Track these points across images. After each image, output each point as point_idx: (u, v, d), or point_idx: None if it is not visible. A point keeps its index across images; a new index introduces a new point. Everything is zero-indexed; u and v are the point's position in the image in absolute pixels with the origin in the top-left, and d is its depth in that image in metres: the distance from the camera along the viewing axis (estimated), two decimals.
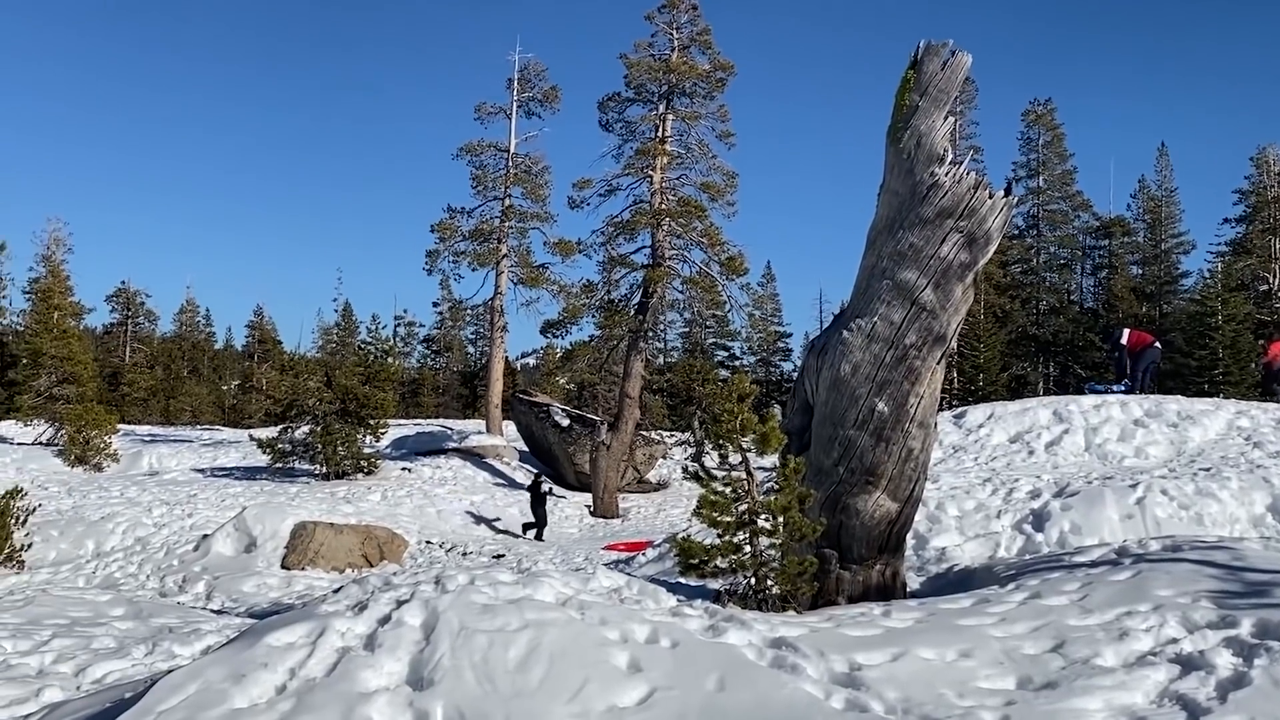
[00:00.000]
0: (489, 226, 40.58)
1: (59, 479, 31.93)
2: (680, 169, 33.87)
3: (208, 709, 6.16)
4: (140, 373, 65.58)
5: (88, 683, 11.51)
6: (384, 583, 8.14)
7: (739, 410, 9.48)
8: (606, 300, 33.74)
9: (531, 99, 41.99)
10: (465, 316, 53.89)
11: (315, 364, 37.71)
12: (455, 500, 28.79)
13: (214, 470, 33.52)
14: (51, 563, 21.43)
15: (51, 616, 15.57)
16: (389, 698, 6.21)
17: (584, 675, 6.40)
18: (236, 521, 22.31)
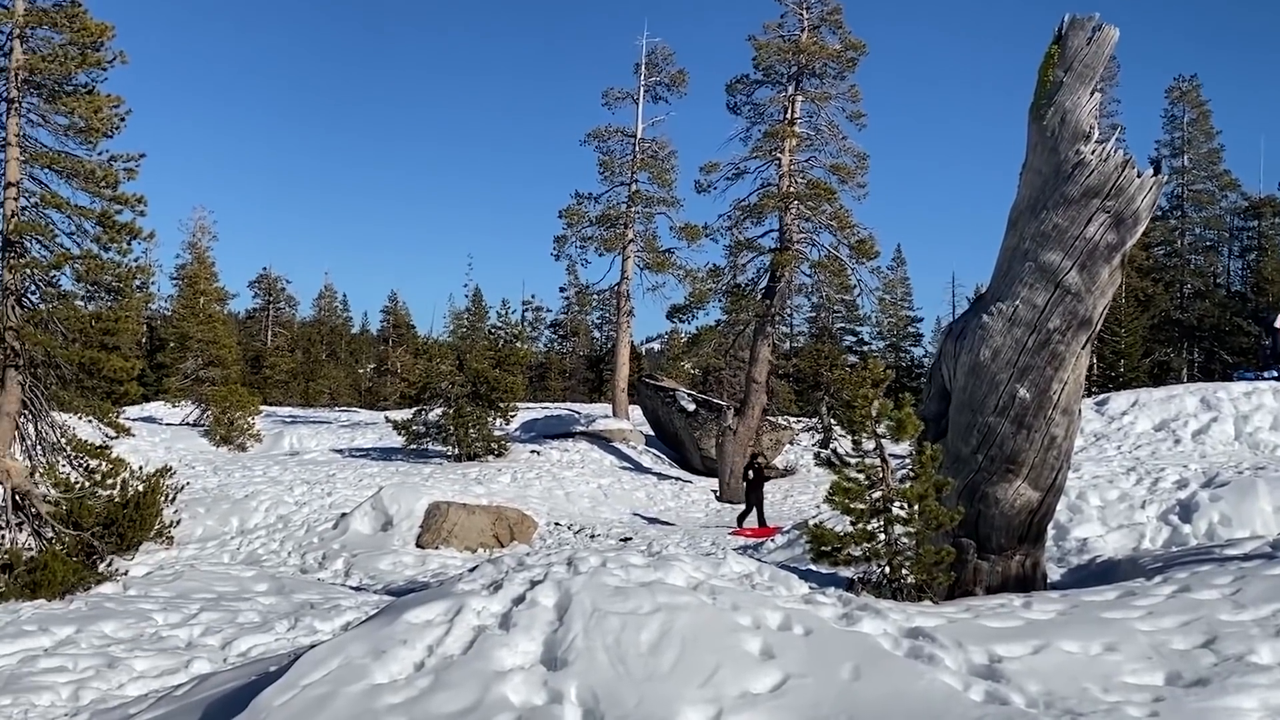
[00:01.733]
0: (616, 212, 40.73)
1: (205, 458, 33.21)
2: (809, 151, 33.49)
3: (349, 684, 6.30)
4: (281, 356, 67.75)
5: (234, 655, 11.95)
6: (517, 563, 8.23)
7: (873, 396, 9.33)
8: (733, 285, 33.57)
9: (659, 83, 41.97)
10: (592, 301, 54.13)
11: (447, 348, 38.44)
12: (583, 483, 29.05)
13: (351, 451, 34.46)
14: (198, 539, 22.30)
15: (199, 591, 16.22)
16: (524, 677, 6.27)
17: (716, 660, 6.37)
18: (373, 501, 22.86)
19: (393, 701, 6.09)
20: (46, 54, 18.32)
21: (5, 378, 18.04)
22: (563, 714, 5.91)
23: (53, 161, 18.55)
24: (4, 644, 12.04)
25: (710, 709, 5.94)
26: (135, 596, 15.64)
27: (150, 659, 11.42)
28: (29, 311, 18.52)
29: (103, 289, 19.39)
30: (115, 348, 19.91)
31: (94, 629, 12.79)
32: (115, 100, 18.71)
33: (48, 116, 18.70)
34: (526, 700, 6.08)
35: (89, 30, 18.35)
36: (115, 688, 10.32)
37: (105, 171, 18.57)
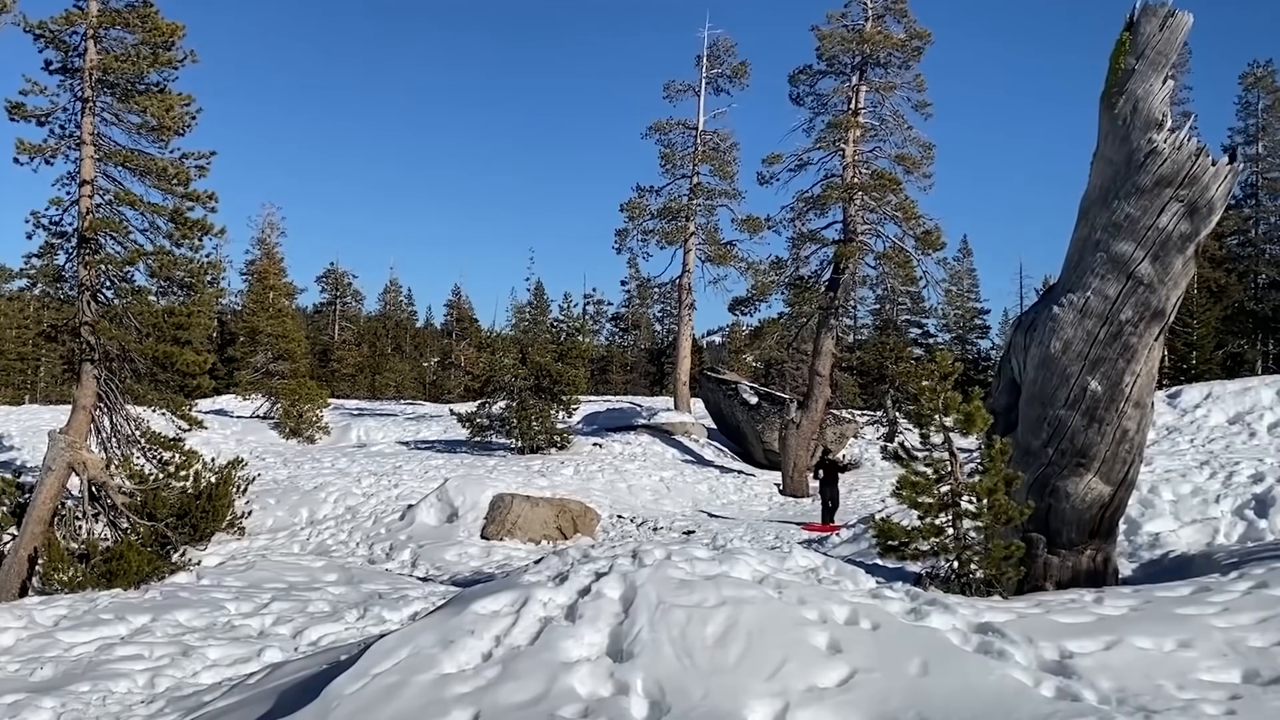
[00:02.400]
0: (677, 204, 40.68)
1: (275, 450, 33.74)
2: (874, 141, 33.16)
3: (419, 673, 6.37)
4: (348, 349, 68.66)
5: (304, 644, 12.14)
6: (582, 555, 8.27)
7: (941, 389, 9.23)
8: (796, 277, 33.36)
9: (720, 75, 41.81)
10: (653, 294, 54.21)
11: (510, 341, 38.69)
12: (645, 476, 29.10)
13: (417, 443, 34.80)
14: (269, 530, 22.65)
15: (271, 581, 16.49)
16: (590, 668, 6.30)
17: (783, 654, 6.35)
18: (439, 492, 23.07)
19: (461, 691, 6.15)
20: (119, 54, 18.68)
21: (81, 372, 18.46)
22: (629, 706, 5.93)
23: (126, 159, 18.92)
24: (82, 632, 12.34)
25: (777, 703, 5.93)
26: (208, 586, 15.94)
27: (223, 647, 11.63)
28: (104, 307, 18.92)
29: (175, 284, 19.76)
30: (188, 342, 20.26)
31: (169, 618, 13.06)
32: (186, 99, 19.05)
33: (121, 115, 19.07)
34: (593, 691, 6.11)
35: (160, 30, 18.69)
36: (190, 675, 10.52)
37: (177, 169, 18.91)
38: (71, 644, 11.89)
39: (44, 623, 12.81)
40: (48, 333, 23.58)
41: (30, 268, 19.44)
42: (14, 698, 9.47)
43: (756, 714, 5.85)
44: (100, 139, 18.86)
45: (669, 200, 40.78)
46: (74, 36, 18.71)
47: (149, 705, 9.29)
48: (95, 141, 18.75)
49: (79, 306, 18.64)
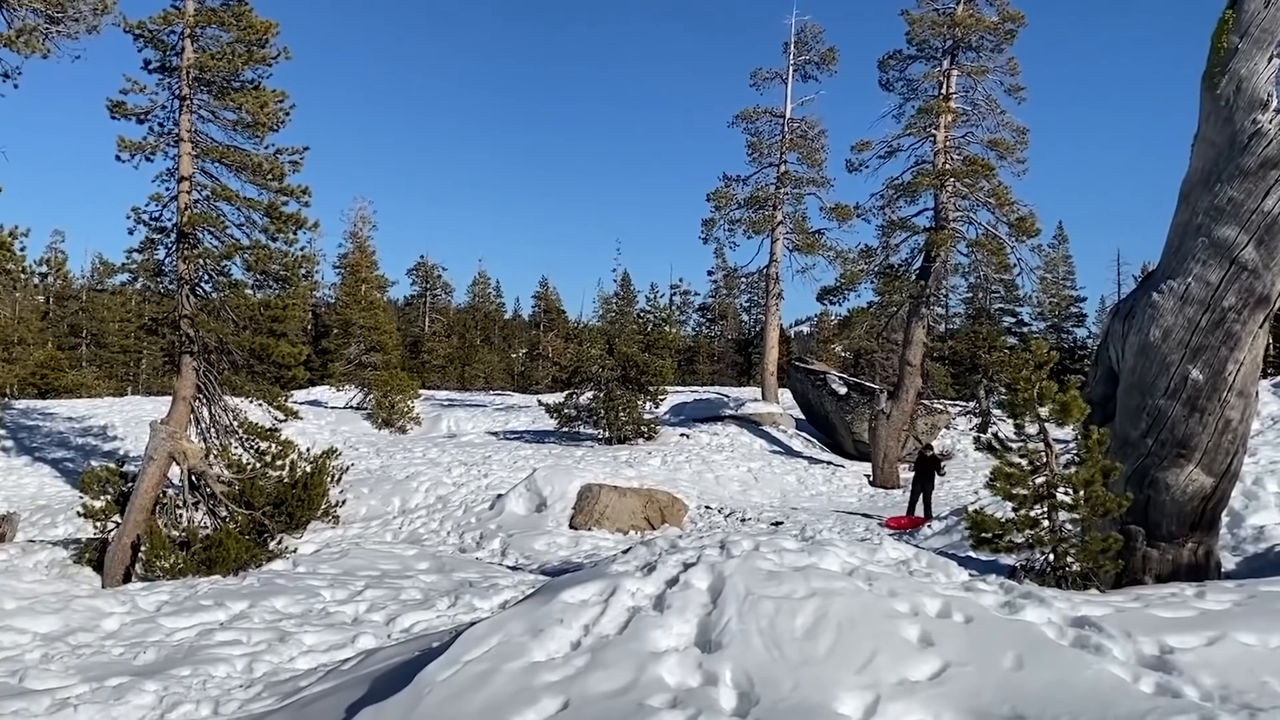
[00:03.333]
0: (764, 193, 40.41)
1: (367, 440, 34.34)
2: (966, 127, 32.54)
3: (509, 661, 6.42)
4: (438, 341, 69.60)
5: (397, 631, 12.33)
6: (670, 545, 8.26)
7: (1037, 378, 9.03)
8: (886, 265, 32.90)
9: (808, 62, 41.41)
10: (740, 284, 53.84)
11: (597, 332, 38.82)
12: (733, 466, 29.00)
13: (506, 433, 35.14)
14: (362, 518, 23.05)
15: (364, 569, 16.78)
16: (678, 658, 6.28)
17: (873, 646, 6.27)
18: (528, 482, 23.26)
19: (550, 679, 6.18)
20: (215, 52, 19.12)
21: (181, 364, 18.96)
22: (718, 696, 5.90)
23: (222, 155, 19.37)
24: (183, 617, 12.68)
25: (868, 695, 5.86)
26: (304, 573, 16.26)
27: (319, 634, 11.86)
28: (202, 300, 19.41)
29: (271, 278, 20.19)
30: (283, 334, 20.69)
31: (266, 604, 13.35)
32: (280, 95, 19.43)
33: (217, 112, 19.52)
34: (681, 681, 6.09)
35: (255, 28, 19.08)
36: (286, 661, 10.75)
37: (272, 164, 19.31)
38: (173, 629, 12.22)
39: (147, 608, 13.18)
40: (149, 326, 24.29)
41: (131, 262, 20.03)
42: (118, 680, 9.76)
43: (847, 706, 5.78)
44: (198, 136, 19.32)
45: (756, 189, 40.55)
46: (171, 36, 19.19)
47: (247, 689, 9.50)
48: (193, 138, 19.22)
49: (178, 300, 19.14)
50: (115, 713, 8.85)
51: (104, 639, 11.93)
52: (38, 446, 31.62)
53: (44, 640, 11.75)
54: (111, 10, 17.41)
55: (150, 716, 8.82)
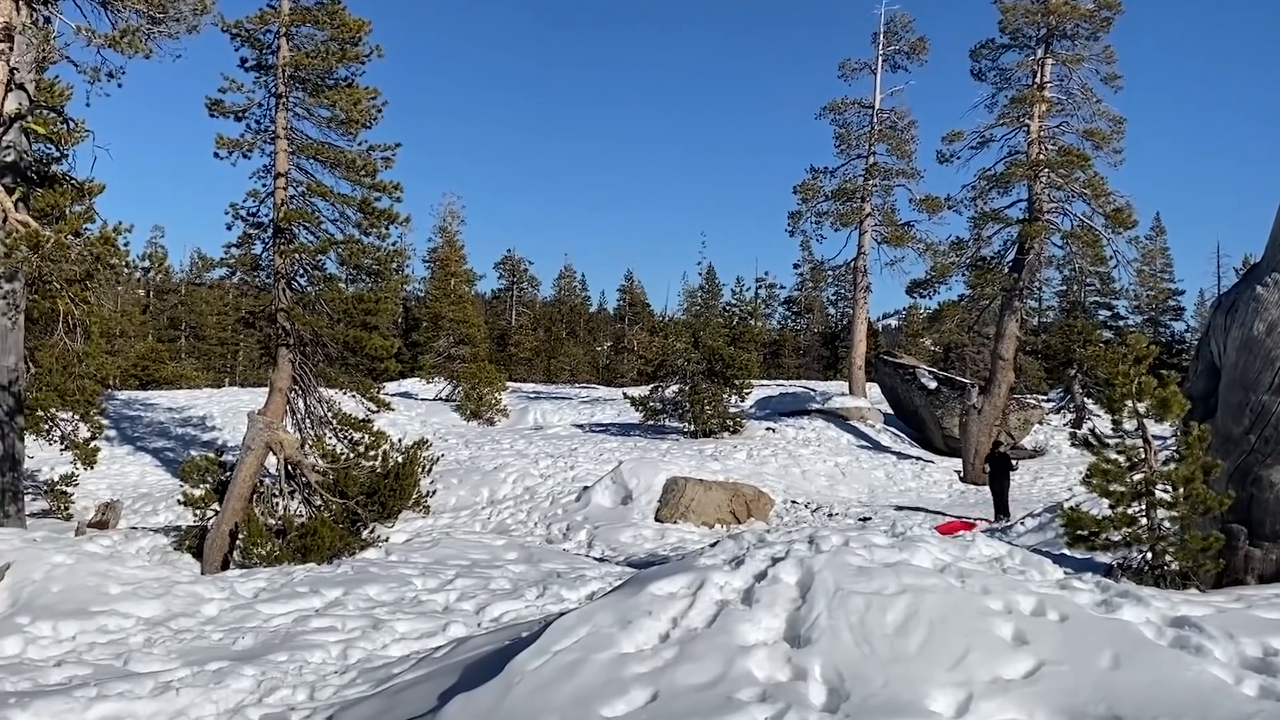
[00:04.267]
0: (852, 185, 40.08)
1: (456, 432, 34.81)
2: (1060, 116, 31.87)
3: (598, 651, 6.46)
4: (525, 334, 70.25)
5: (487, 620, 12.47)
6: (758, 539, 8.24)
7: (1136, 373, 8.82)
8: (977, 258, 32.38)
9: (898, 52, 40.94)
10: (826, 277, 53.65)
11: (682, 326, 38.81)
12: (820, 461, 28.82)
13: (591, 426, 35.33)
14: (451, 508, 23.38)
15: (454, 558, 17.00)
16: (767, 653, 6.27)
17: (965, 644, 6.19)
18: (613, 475, 23.38)
19: (639, 671, 6.21)
20: (310, 50, 19.49)
21: (278, 356, 19.39)
22: (807, 691, 5.88)
23: (317, 152, 19.75)
24: (279, 604, 12.96)
25: (960, 693, 5.79)
26: (396, 562, 16.52)
27: (411, 621, 12.04)
28: (298, 294, 19.83)
29: (363, 272, 20.55)
30: (375, 327, 21.05)
31: (359, 592, 13.58)
32: (373, 92, 19.74)
33: (312, 110, 19.91)
34: (770, 676, 6.08)
35: (348, 26, 19.41)
36: (379, 648, 10.93)
37: (365, 160, 19.64)
38: (270, 615, 12.50)
39: (245, 594, 13.50)
40: (246, 319, 24.86)
41: (230, 257, 20.52)
42: (218, 665, 10.01)
43: (939, 704, 5.72)
44: (293, 133, 19.73)
45: (844, 181, 40.25)
46: (268, 35, 19.61)
47: (342, 675, 9.69)
48: (288, 135, 19.62)
49: (275, 294, 19.57)
50: (215, 696, 9.08)
51: (204, 624, 12.25)
52: (139, 436, 32.62)
53: (147, 624, 12.09)
54: (211, 10, 17.81)
55: (248, 700, 9.03)
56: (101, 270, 15.60)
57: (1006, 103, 31.90)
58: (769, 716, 5.60)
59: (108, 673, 10.01)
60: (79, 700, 8.76)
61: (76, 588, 12.67)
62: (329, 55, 19.37)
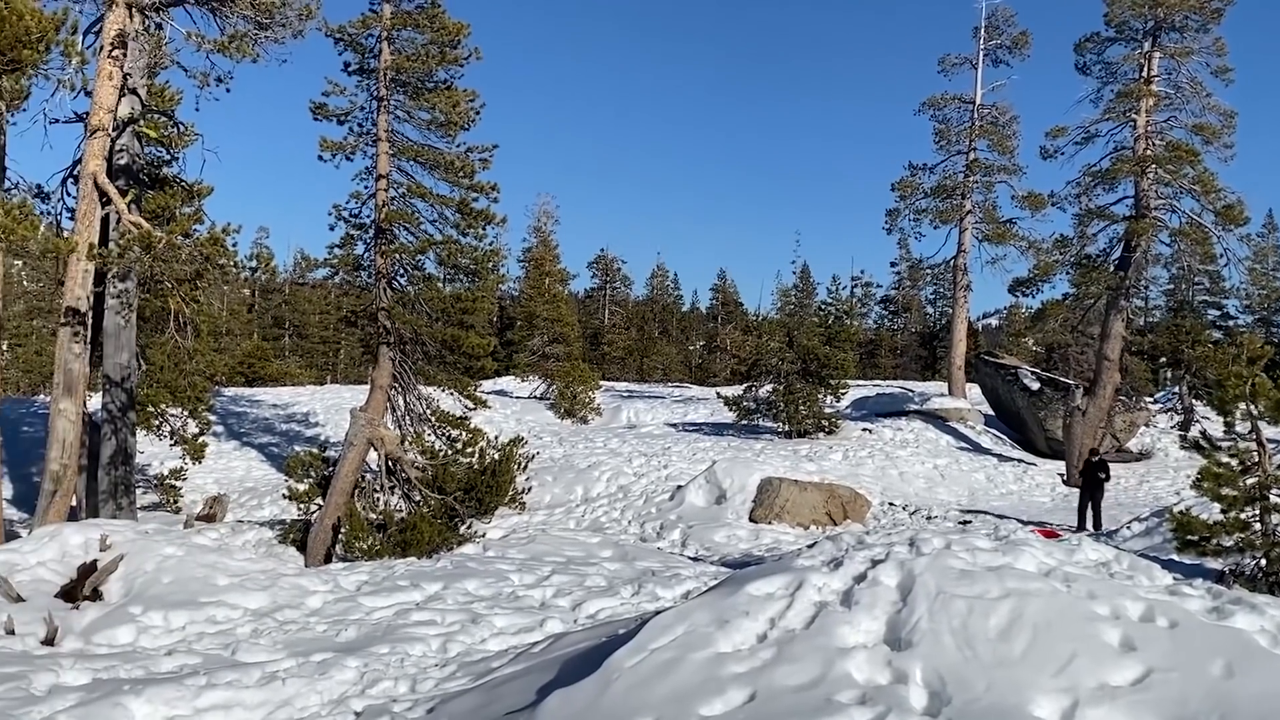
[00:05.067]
0: (952, 182, 39.51)
1: (551, 430, 35.10)
2: (1168, 111, 30.97)
3: (695, 650, 6.47)
4: (618, 333, 70.59)
5: (583, 617, 12.56)
6: (857, 541, 8.17)
7: (1249, 374, 8.55)
8: (1082, 256, 31.62)
9: (999, 46, 40.24)
10: (925, 276, 52.91)
11: (776, 325, 38.62)
12: (918, 463, 28.43)
13: (684, 425, 35.34)
14: (546, 505, 23.59)
15: (550, 554, 17.15)
16: (867, 655, 6.22)
17: (1071, 649, 6.07)
18: (707, 474, 23.35)
19: (736, 671, 6.20)
20: (410, 53, 19.82)
21: (378, 354, 19.76)
22: (908, 694, 5.82)
23: (417, 154, 20.08)
24: (381, 597, 13.21)
25: (1065, 699, 5.68)
26: (493, 557, 16.72)
27: (508, 616, 12.18)
28: (398, 293, 20.17)
29: (461, 271, 20.84)
30: (471, 326, 21.33)
31: (458, 586, 13.78)
32: (471, 95, 20.01)
33: (412, 112, 20.24)
34: (870, 679, 6.03)
35: (447, 29, 19.69)
36: (478, 642, 11.08)
37: (463, 162, 19.90)
38: (372, 608, 12.76)
39: (348, 587, 13.79)
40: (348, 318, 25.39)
41: (333, 257, 20.97)
42: (323, 656, 10.25)
43: (1043, 709, 5.62)
44: (394, 135, 20.08)
45: (943, 178, 39.71)
46: (370, 39, 20.00)
47: (442, 669, 9.85)
48: (390, 138, 19.98)
49: (376, 293, 19.94)
50: (319, 687, 9.29)
51: (308, 616, 12.54)
52: (245, 432, 33.49)
53: (253, 615, 12.43)
54: (316, 15, 18.24)
55: (351, 692, 9.23)
56: (211, 270, 16.06)
57: (1112, 97, 31.11)
58: (869, 719, 5.55)
59: (216, 662, 10.31)
60: (189, 688, 9.03)
61: (186, 579, 13.07)
62: (429, 58, 19.67)
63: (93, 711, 8.37)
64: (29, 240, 15.42)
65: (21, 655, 10.35)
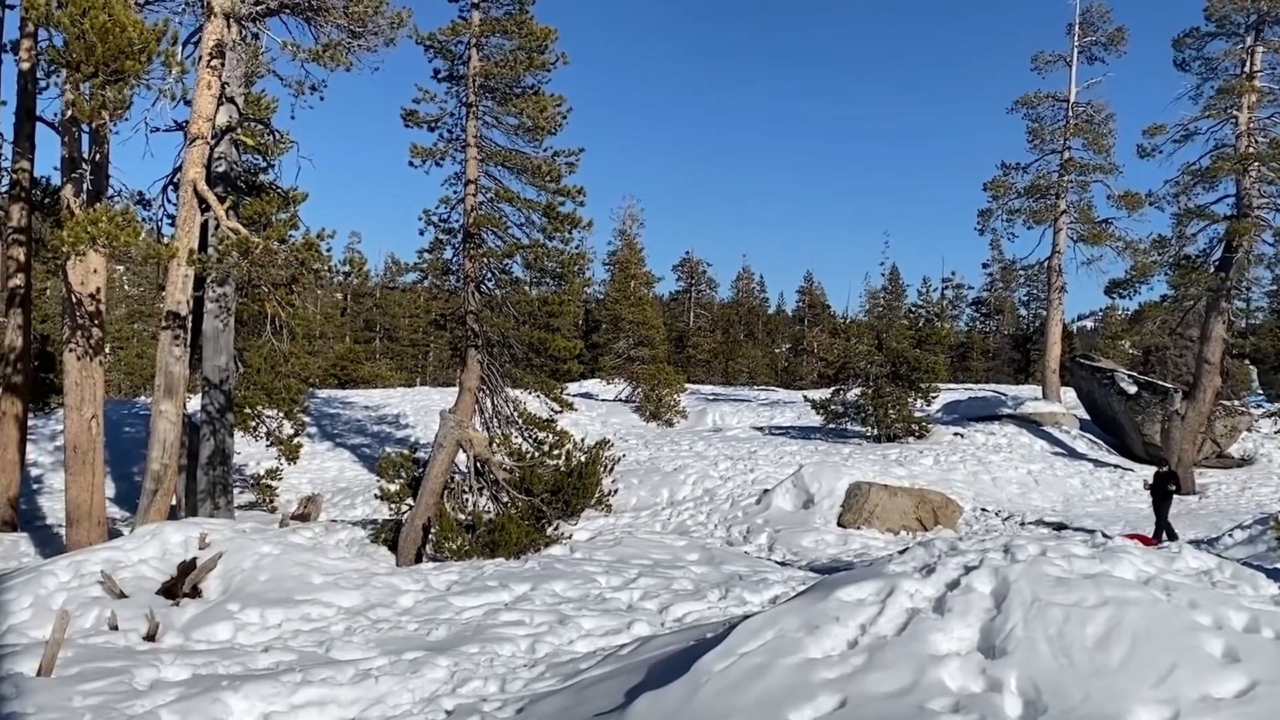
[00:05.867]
0: (1046, 181, 38.73)
1: (636, 432, 35.19)
2: (1272, 107, 29.96)
3: (784, 656, 6.42)
4: (703, 336, 70.54)
5: (670, 620, 12.57)
6: (949, 547, 8.04)
7: None
8: (1181, 256, 30.75)
9: (1094, 43, 39.33)
10: (1018, 277, 51.87)
11: (865, 327, 38.23)
12: (1011, 468, 27.91)
13: (771, 429, 35.16)
14: (632, 508, 23.64)
15: (636, 557, 17.18)
16: (960, 663, 6.12)
17: (1171, 660, 5.90)
18: (794, 478, 23.19)
19: (827, 677, 6.15)
20: (498, 59, 20.04)
21: (467, 357, 19.99)
22: (1002, 703, 5.71)
23: (505, 159, 20.29)
24: (470, 597, 13.35)
25: (1165, 710, 5.53)
26: (580, 559, 16.81)
27: (596, 619, 12.23)
28: (485, 297, 20.40)
29: (547, 275, 21.04)
30: (558, 329, 21.49)
31: (546, 587, 13.87)
32: (558, 99, 20.15)
33: (500, 118, 20.47)
34: (963, 686, 5.93)
35: (535, 34, 19.86)
36: (566, 643, 11.14)
37: (550, 166, 20.06)
38: (461, 608, 12.90)
39: (438, 587, 13.95)
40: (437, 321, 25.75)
41: (422, 261, 21.31)
42: (414, 655, 10.40)
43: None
44: (482, 140, 20.32)
45: (1037, 177, 38.96)
46: (459, 45, 20.27)
47: (530, 669, 9.92)
48: (478, 143, 20.22)
49: (464, 296, 20.19)
50: (411, 685, 9.43)
51: (400, 614, 12.72)
52: (338, 433, 34.14)
53: (347, 614, 12.64)
54: (407, 23, 18.52)
55: (442, 690, 9.34)
56: (305, 274, 16.41)
57: (1212, 94, 30.21)
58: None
59: (311, 659, 10.51)
60: (285, 685, 9.23)
61: (282, 577, 13.34)
62: (517, 64, 19.87)
63: (192, 706, 8.59)
64: (131, 246, 15.92)
65: (125, 650, 10.66)
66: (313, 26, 18.49)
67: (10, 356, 22.10)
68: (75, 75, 15.38)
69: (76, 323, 18.64)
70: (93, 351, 18.77)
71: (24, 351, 22.70)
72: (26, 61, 21.24)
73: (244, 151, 20.91)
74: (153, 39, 15.44)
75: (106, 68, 14.94)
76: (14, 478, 22.47)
